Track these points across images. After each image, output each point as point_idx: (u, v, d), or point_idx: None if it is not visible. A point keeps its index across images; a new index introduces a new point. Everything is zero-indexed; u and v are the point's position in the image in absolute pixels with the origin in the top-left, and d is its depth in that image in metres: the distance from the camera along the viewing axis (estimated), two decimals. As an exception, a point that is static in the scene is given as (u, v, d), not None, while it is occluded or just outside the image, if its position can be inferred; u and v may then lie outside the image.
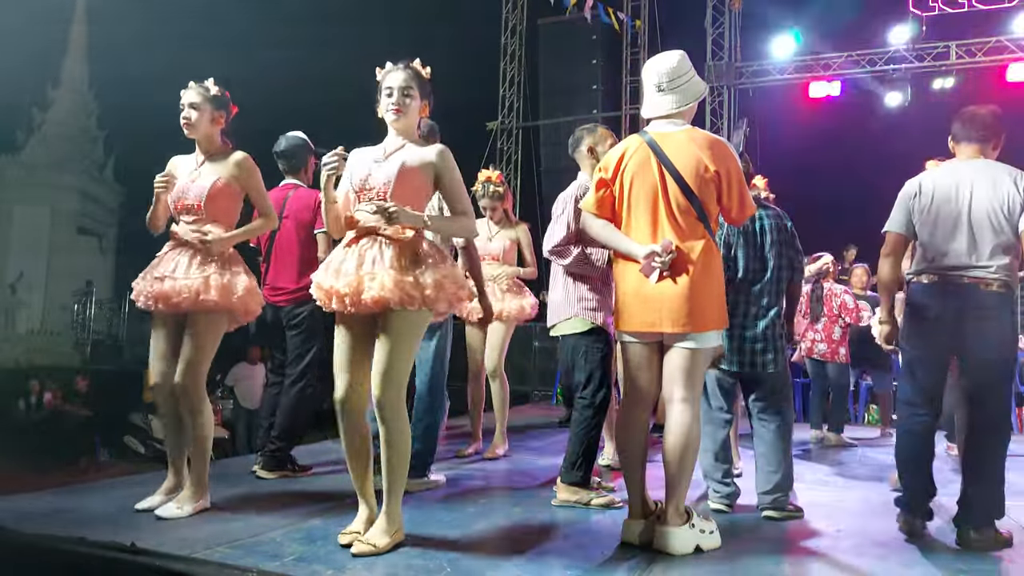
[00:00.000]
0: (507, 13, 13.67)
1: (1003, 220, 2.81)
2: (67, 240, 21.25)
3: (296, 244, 3.89)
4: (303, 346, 3.88)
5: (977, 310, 2.81)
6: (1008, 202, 2.82)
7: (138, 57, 18.58)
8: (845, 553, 2.77)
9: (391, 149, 2.68)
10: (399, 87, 2.65)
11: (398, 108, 2.65)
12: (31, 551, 2.50)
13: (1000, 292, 2.81)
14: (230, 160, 3.13)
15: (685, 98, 2.72)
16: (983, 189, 2.86)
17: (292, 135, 4.09)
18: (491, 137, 13.41)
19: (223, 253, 3.07)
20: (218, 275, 2.99)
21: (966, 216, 2.85)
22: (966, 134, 3.01)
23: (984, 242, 2.82)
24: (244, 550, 2.49)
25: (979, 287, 2.81)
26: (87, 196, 22.09)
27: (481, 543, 2.71)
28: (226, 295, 2.99)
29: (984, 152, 2.98)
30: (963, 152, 3.02)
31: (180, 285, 2.95)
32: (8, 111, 19.66)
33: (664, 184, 2.63)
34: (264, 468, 3.75)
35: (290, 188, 4.01)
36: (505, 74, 13.69)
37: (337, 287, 2.52)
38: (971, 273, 2.82)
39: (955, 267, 2.85)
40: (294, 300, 3.85)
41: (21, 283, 19.48)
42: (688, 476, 2.64)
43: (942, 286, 2.87)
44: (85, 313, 17.56)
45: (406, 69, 2.68)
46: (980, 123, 2.99)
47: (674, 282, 2.57)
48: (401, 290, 2.47)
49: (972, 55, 10.64)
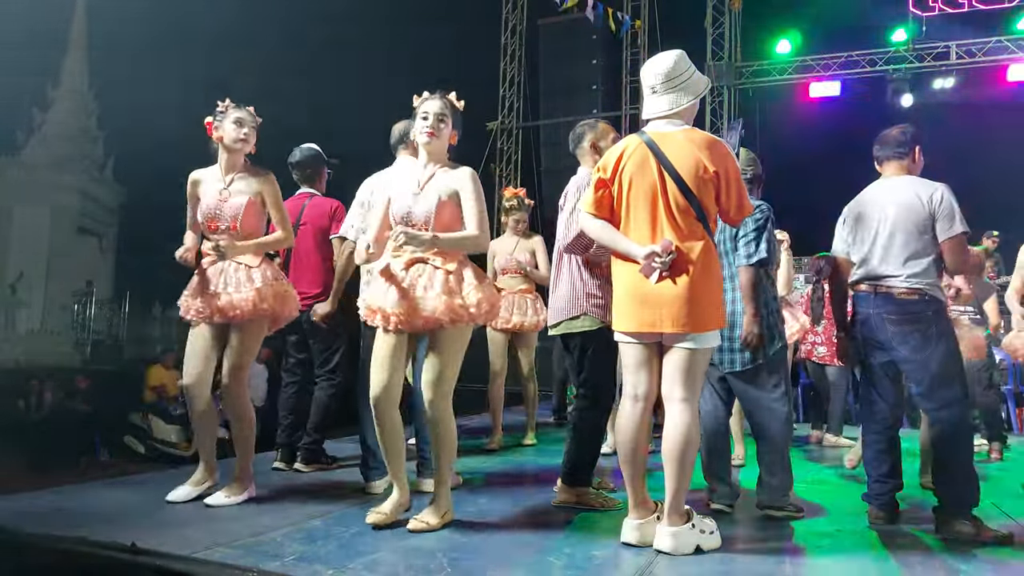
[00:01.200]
0: (507, 13, 13.69)
1: (914, 231, 3.04)
2: (67, 240, 21.24)
3: (314, 250, 4.10)
4: (330, 349, 4.11)
5: (892, 316, 3.06)
6: (916, 213, 3.05)
7: (138, 57, 18.58)
8: (845, 553, 2.77)
9: (424, 179, 2.93)
10: (435, 113, 2.91)
11: (431, 132, 2.90)
12: (31, 551, 2.50)
13: (911, 299, 3.03)
14: (258, 178, 3.31)
15: (682, 98, 2.71)
16: (896, 203, 3.10)
17: (306, 147, 4.29)
18: (491, 137, 13.42)
19: (261, 263, 3.27)
20: (267, 285, 3.22)
21: (881, 229, 3.11)
22: (885, 154, 3.26)
23: (896, 252, 3.07)
24: (244, 550, 2.49)
25: (892, 294, 3.06)
26: (87, 196, 22.08)
27: (481, 543, 2.71)
28: (280, 303, 3.25)
29: (903, 167, 3.22)
30: (886, 170, 3.27)
31: (237, 299, 3.17)
32: (8, 111, 19.66)
33: (663, 184, 2.63)
34: (302, 462, 3.99)
35: (306, 197, 4.22)
36: (505, 74, 13.70)
37: (387, 309, 2.82)
38: (885, 282, 3.08)
39: (873, 276, 3.12)
40: (316, 304, 4.05)
41: (21, 283, 19.47)
42: (688, 476, 2.64)
43: (867, 295, 3.15)
44: (85, 313, 17.57)
45: (443, 98, 2.95)
46: (893, 141, 3.24)
47: (674, 282, 2.57)
48: (452, 311, 2.78)
49: (972, 55, 10.65)
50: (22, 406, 10.45)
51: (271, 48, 18.62)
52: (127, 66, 18.77)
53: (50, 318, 18.98)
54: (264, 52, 18.15)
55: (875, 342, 3.15)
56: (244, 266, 3.24)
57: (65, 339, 17.44)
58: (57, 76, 22.24)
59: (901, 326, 3.04)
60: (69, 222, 21.55)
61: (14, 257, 20.07)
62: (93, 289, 18.03)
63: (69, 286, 18.90)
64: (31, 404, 10.50)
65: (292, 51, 18.90)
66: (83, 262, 20.75)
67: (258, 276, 3.22)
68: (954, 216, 3.00)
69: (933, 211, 3.02)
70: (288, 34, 19.03)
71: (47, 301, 19.68)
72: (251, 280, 3.21)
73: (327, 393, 4.08)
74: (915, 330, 3.02)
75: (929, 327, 3.02)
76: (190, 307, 3.25)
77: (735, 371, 3.26)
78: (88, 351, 16.60)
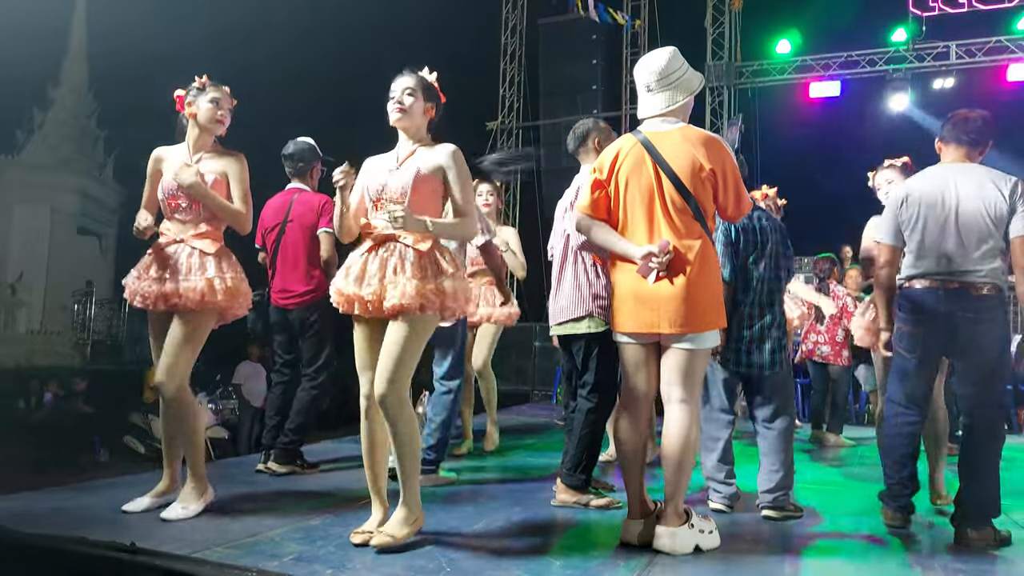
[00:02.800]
0: (507, 13, 13.68)
1: (990, 224, 2.86)
2: (67, 240, 21.23)
3: (302, 247, 3.99)
4: (317, 348, 4.01)
5: (969, 313, 2.86)
6: (994, 206, 2.86)
7: (138, 57, 18.57)
8: (845, 553, 2.77)
9: (403, 155, 2.75)
10: (401, 88, 2.74)
11: (400, 107, 2.71)
12: (31, 551, 2.50)
13: (991, 295, 2.86)
14: (227, 158, 3.11)
15: (677, 95, 2.70)
16: (969, 193, 2.90)
17: (301, 140, 4.16)
18: (491, 137, 13.41)
19: (218, 250, 3.03)
20: (220, 278, 2.98)
21: (953, 220, 2.90)
22: (956, 136, 3.03)
23: (972, 247, 2.86)
24: (244, 550, 2.49)
25: (970, 291, 2.86)
26: (87, 196, 22.07)
27: (481, 543, 2.71)
28: (229, 297, 3.00)
29: (970, 156, 3.02)
30: (949, 154, 3.05)
31: (184, 288, 2.93)
32: (8, 111, 19.66)
33: (659, 183, 2.62)
34: (276, 462, 3.87)
35: (295, 192, 4.10)
36: (505, 74, 13.70)
37: (360, 294, 2.61)
38: (962, 277, 2.87)
39: (946, 271, 2.90)
40: (303, 303, 3.96)
41: (21, 283, 19.46)
42: (687, 476, 2.64)
43: (934, 290, 2.92)
44: (85, 313, 17.56)
45: (410, 73, 2.77)
46: (972, 127, 3.01)
47: (671, 283, 2.56)
48: (423, 297, 2.55)
49: (972, 55, 10.65)
50: (22, 406, 10.44)
51: (271, 48, 18.61)
52: (127, 66, 18.75)
53: (50, 318, 18.97)
54: (264, 52, 18.14)
55: (935, 341, 2.94)
56: (199, 252, 2.99)
57: (65, 339, 17.43)
58: (57, 76, 22.23)
59: (979, 325, 2.84)
60: (69, 222, 21.55)
61: (14, 257, 20.07)
62: (93, 289, 18.01)
63: (69, 286, 18.89)
64: (31, 404, 10.49)
65: (292, 51, 18.90)
66: (83, 262, 20.74)
67: (212, 265, 2.98)
68: None
69: (1014, 205, 2.84)
70: (288, 34, 19.03)
71: (47, 301, 19.67)
72: (203, 268, 2.97)
73: (309, 395, 3.98)
74: (991, 328, 2.85)
75: (1002, 325, 2.90)
76: (136, 291, 3.00)
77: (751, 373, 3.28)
78: (88, 351, 16.59)
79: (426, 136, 2.80)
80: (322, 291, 3.90)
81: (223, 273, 3.00)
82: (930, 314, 2.92)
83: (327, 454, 4.38)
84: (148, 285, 2.97)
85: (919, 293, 2.95)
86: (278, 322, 4.06)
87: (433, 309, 2.59)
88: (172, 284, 2.94)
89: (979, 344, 2.86)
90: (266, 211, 4.13)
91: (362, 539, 2.60)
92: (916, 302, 2.96)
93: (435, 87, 2.82)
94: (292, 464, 3.90)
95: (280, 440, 3.92)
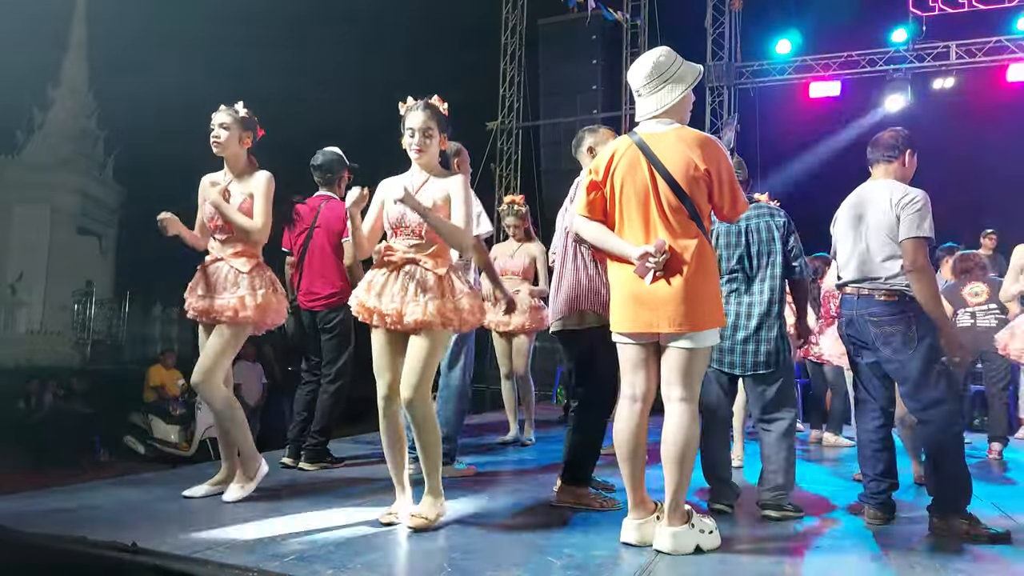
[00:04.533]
0: (507, 13, 13.67)
1: (885, 234, 3.09)
2: (67, 240, 21.27)
3: (328, 252, 4.19)
4: (338, 349, 4.20)
5: (873, 316, 3.11)
6: (886, 217, 3.09)
7: (138, 57, 18.58)
8: (845, 553, 2.77)
9: (417, 184, 2.97)
10: (419, 128, 2.92)
11: (419, 149, 2.94)
12: (31, 551, 2.50)
13: (890, 300, 3.08)
14: (255, 178, 3.34)
15: (668, 95, 2.69)
16: (874, 207, 3.15)
17: (329, 150, 4.36)
18: (491, 137, 13.42)
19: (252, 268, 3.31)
20: (251, 295, 3.26)
21: (862, 232, 3.17)
22: (875, 156, 3.30)
23: (874, 255, 3.12)
24: (244, 550, 2.50)
25: (873, 295, 3.12)
26: (87, 196, 22.11)
27: (481, 543, 2.71)
28: (260, 314, 3.28)
29: (892, 171, 3.25)
30: (875, 172, 3.31)
31: (219, 304, 3.25)
32: (8, 111, 19.66)
33: (655, 184, 2.62)
34: (307, 461, 4.10)
35: (323, 199, 4.29)
36: (505, 74, 13.69)
37: (382, 308, 2.86)
38: (868, 284, 3.14)
39: (855, 279, 3.18)
40: (328, 305, 4.16)
41: (21, 283, 19.48)
42: (687, 476, 2.64)
43: (851, 296, 3.21)
44: (85, 313, 17.60)
45: (425, 109, 2.93)
46: (883, 144, 3.27)
47: (669, 282, 2.56)
48: (442, 315, 2.83)
49: (972, 55, 10.64)
50: (22, 406, 10.44)
51: (271, 48, 18.62)
52: (127, 66, 18.76)
53: (50, 318, 19.00)
54: (264, 52, 18.14)
55: (861, 343, 3.20)
56: (234, 270, 3.29)
57: (65, 339, 17.45)
58: (57, 76, 22.25)
59: (882, 327, 3.09)
60: (69, 222, 21.58)
61: (14, 257, 20.09)
62: (93, 289, 18.05)
63: (69, 286, 18.92)
64: (31, 404, 10.49)
65: (292, 51, 18.91)
66: (83, 262, 20.78)
67: (244, 283, 3.28)
68: (917, 220, 3.01)
69: (899, 213, 3.05)
70: (288, 34, 19.04)
71: (47, 301, 19.70)
72: (237, 285, 3.27)
73: (331, 397, 4.18)
74: (896, 331, 3.06)
75: (909, 327, 3.05)
76: (189, 306, 3.36)
77: (755, 374, 3.28)
78: (88, 351, 16.61)
79: (437, 163, 3.04)
80: (346, 295, 4.08)
81: (255, 290, 3.28)
82: (848, 317, 3.22)
83: (332, 454, 4.38)
84: (195, 301, 3.32)
85: (843, 299, 3.28)
86: (309, 325, 4.26)
87: (451, 325, 2.87)
88: (210, 300, 3.28)
89: (890, 345, 3.07)
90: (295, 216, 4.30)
91: (389, 520, 2.88)
92: (842, 307, 3.29)
93: (446, 116, 3.00)
94: (321, 461, 4.11)
95: (308, 442, 4.12)
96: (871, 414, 3.25)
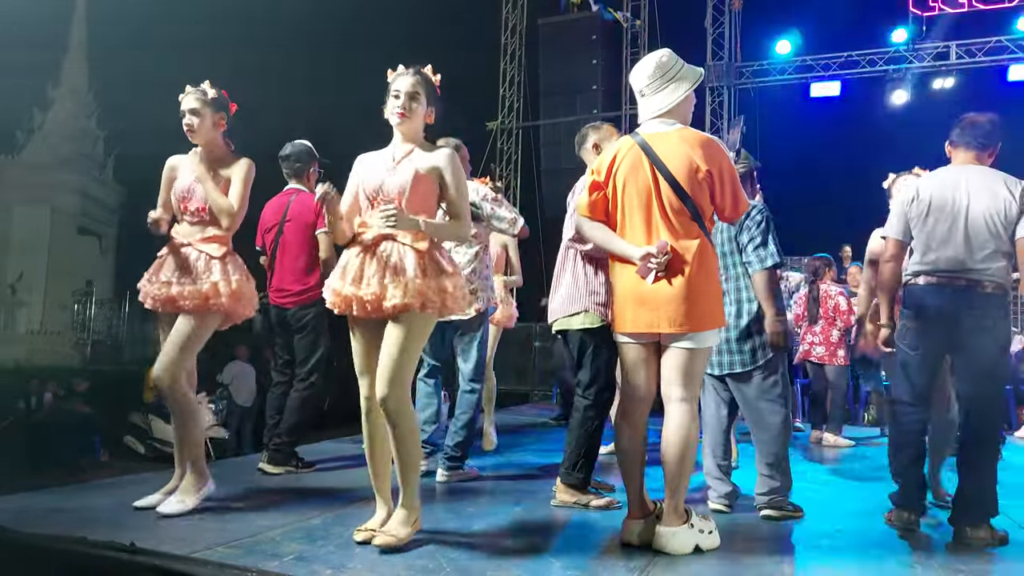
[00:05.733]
0: (507, 13, 13.68)
1: (999, 225, 2.89)
2: (67, 240, 21.25)
3: (299, 247, 4.03)
4: (310, 348, 4.02)
5: (974, 311, 2.89)
6: (1004, 208, 2.89)
7: (138, 57, 18.58)
8: (845, 553, 2.77)
9: (400, 155, 2.72)
10: (407, 91, 2.69)
11: (403, 112, 2.69)
12: (31, 551, 2.50)
13: (995, 294, 2.89)
14: (234, 165, 3.13)
15: (670, 96, 2.69)
16: (980, 194, 2.93)
17: (298, 142, 4.23)
18: (491, 137, 13.42)
19: (224, 255, 3.08)
20: (225, 281, 3.03)
21: (963, 220, 2.93)
22: (965, 140, 3.07)
23: (980, 246, 2.90)
24: (244, 550, 2.49)
25: (976, 289, 2.89)
26: (87, 196, 22.09)
27: (481, 543, 2.71)
28: (234, 300, 3.05)
29: (980, 159, 3.05)
30: (959, 157, 3.09)
31: (189, 290, 2.99)
32: (8, 111, 19.66)
33: (657, 185, 2.62)
34: (270, 463, 3.88)
35: (293, 193, 4.15)
36: (505, 74, 13.69)
37: (359, 294, 2.57)
38: (968, 275, 2.90)
39: (952, 270, 2.92)
40: (299, 302, 3.99)
41: (21, 283, 19.48)
42: (687, 476, 2.64)
43: (939, 287, 2.94)
44: (85, 313, 17.59)
45: (416, 74, 2.72)
46: (980, 130, 3.05)
47: (670, 283, 2.56)
48: (423, 296, 2.55)
49: (972, 55, 10.65)
50: (22, 406, 10.44)
51: (270, 48, 18.62)
52: (127, 66, 18.76)
53: (50, 318, 18.99)
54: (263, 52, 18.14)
55: (939, 337, 2.96)
56: (205, 255, 3.05)
57: (65, 339, 17.44)
58: (57, 76, 22.24)
59: (982, 322, 2.87)
60: (69, 222, 21.57)
61: (14, 257, 20.08)
62: (93, 289, 18.04)
63: (69, 286, 18.92)
64: (31, 404, 10.49)
65: (292, 51, 18.91)
66: (83, 262, 20.77)
67: (217, 269, 3.04)
68: None
69: (1022, 206, 2.88)
70: (288, 34, 19.04)
71: (47, 301, 19.70)
72: (209, 271, 3.03)
73: (300, 396, 3.99)
74: (992, 325, 2.88)
75: (1003, 325, 2.94)
76: (147, 294, 3.09)
77: (734, 373, 3.26)
78: (88, 351, 16.61)
79: (421, 136, 2.79)
80: (318, 291, 3.87)
81: (228, 276, 3.04)
82: (935, 310, 2.94)
83: (327, 454, 4.38)
84: (157, 288, 3.04)
85: (925, 289, 2.97)
86: (278, 322, 4.09)
87: (434, 308, 2.58)
88: (178, 287, 3.00)
89: (980, 342, 2.88)
90: (265, 212, 4.17)
91: (365, 536, 2.61)
92: (922, 298, 2.98)
93: (436, 88, 2.79)
94: (287, 465, 3.90)
95: (274, 443, 3.93)
96: (915, 415, 3.04)
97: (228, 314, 3.11)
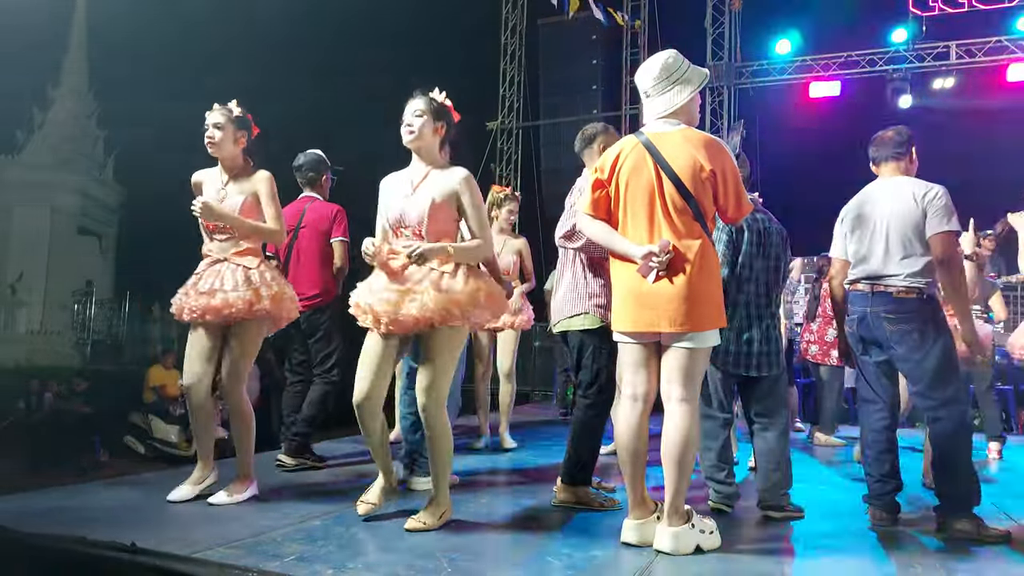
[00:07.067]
0: (507, 13, 13.68)
1: (909, 230, 3.08)
2: (67, 240, 21.23)
3: (313, 253, 4.17)
4: (327, 349, 4.17)
5: (889, 314, 3.09)
6: (911, 213, 3.08)
7: (138, 57, 18.57)
8: (844, 553, 2.77)
9: (417, 180, 2.91)
10: (411, 111, 2.89)
11: (410, 129, 2.88)
12: (31, 551, 2.50)
13: (908, 297, 3.06)
14: (255, 179, 3.31)
15: (676, 96, 2.70)
16: (892, 204, 3.14)
17: (310, 152, 4.36)
18: (491, 137, 13.42)
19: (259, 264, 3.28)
20: (266, 286, 3.22)
21: (881, 231, 3.14)
22: (883, 155, 3.30)
23: (895, 252, 3.10)
24: (244, 550, 2.49)
25: (890, 293, 3.10)
26: (87, 196, 22.07)
27: (481, 543, 2.71)
28: (276, 304, 3.24)
29: (900, 168, 3.26)
30: (883, 171, 3.31)
31: (232, 298, 3.16)
32: (8, 111, 19.65)
33: (660, 184, 2.62)
34: (286, 453, 4.02)
35: (307, 200, 4.29)
36: (505, 74, 13.69)
37: (378, 309, 2.76)
38: (884, 281, 3.12)
39: (871, 276, 3.16)
40: (312, 306, 4.11)
41: (21, 283, 19.46)
42: (688, 476, 2.64)
43: (863, 294, 3.18)
44: (85, 313, 17.58)
45: (420, 96, 2.92)
46: (892, 143, 3.27)
47: (671, 282, 2.57)
48: (442, 308, 2.72)
49: (972, 55, 10.65)
50: (22, 406, 10.43)
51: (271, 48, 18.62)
52: (127, 66, 18.76)
53: (50, 318, 18.97)
54: (264, 52, 18.14)
55: (872, 340, 3.18)
56: (242, 267, 3.24)
57: (65, 339, 17.43)
58: (57, 76, 22.22)
59: (899, 324, 3.06)
60: (69, 222, 21.55)
61: (14, 257, 20.07)
62: (93, 289, 18.03)
63: (69, 286, 18.90)
64: (31, 404, 10.48)
65: (292, 51, 18.90)
66: (83, 262, 20.75)
67: (256, 277, 3.23)
68: (945, 215, 3.03)
69: (925, 208, 3.05)
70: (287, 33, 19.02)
71: (47, 301, 19.68)
72: (248, 281, 3.21)
73: (323, 390, 4.13)
74: (913, 328, 3.05)
75: (926, 325, 3.05)
76: (183, 306, 3.22)
77: (750, 375, 3.28)
78: (88, 351, 16.59)
79: (438, 156, 2.95)
80: (331, 294, 4.16)
81: (267, 282, 3.24)
82: (860, 314, 3.18)
83: (327, 454, 4.37)
84: (195, 299, 3.20)
85: (853, 296, 3.25)
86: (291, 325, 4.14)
87: (455, 320, 2.76)
88: (222, 296, 3.17)
89: (905, 344, 3.05)
90: None
91: (365, 509, 2.87)
92: (852, 303, 3.25)
93: (445, 107, 2.94)
94: (301, 457, 4.02)
95: (292, 432, 4.05)
96: (877, 414, 3.21)
97: (274, 318, 3.30)
